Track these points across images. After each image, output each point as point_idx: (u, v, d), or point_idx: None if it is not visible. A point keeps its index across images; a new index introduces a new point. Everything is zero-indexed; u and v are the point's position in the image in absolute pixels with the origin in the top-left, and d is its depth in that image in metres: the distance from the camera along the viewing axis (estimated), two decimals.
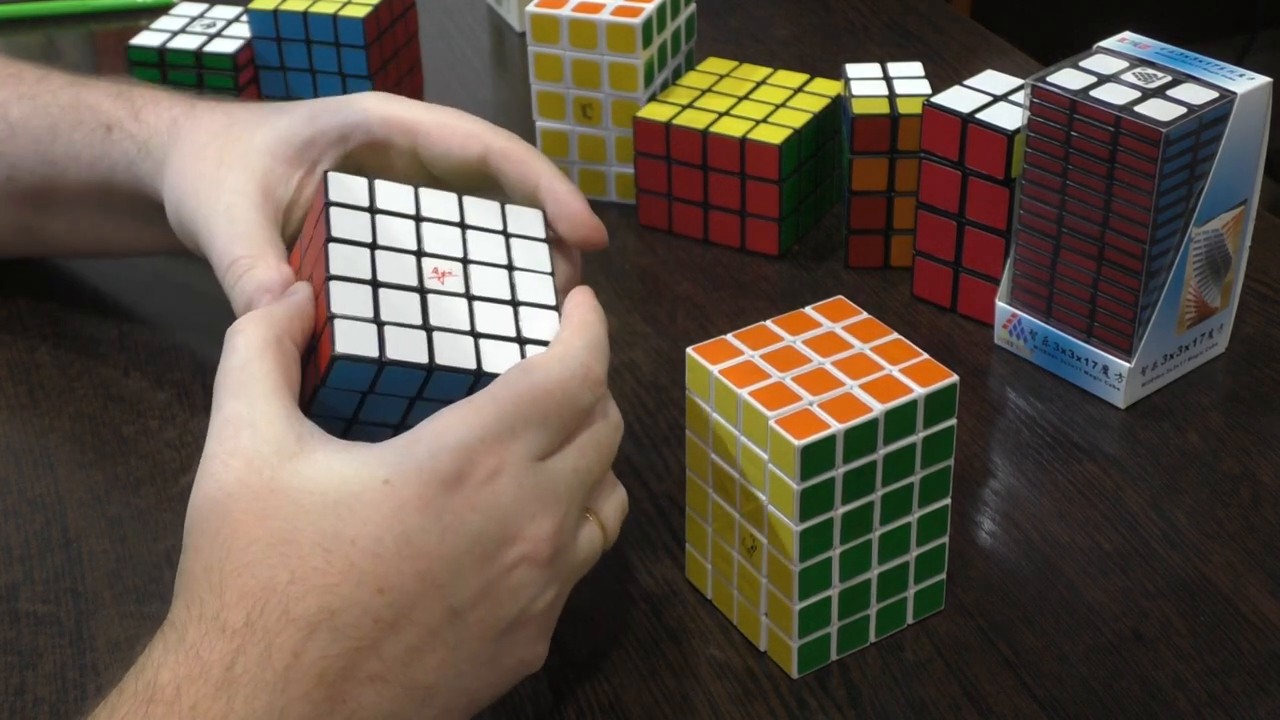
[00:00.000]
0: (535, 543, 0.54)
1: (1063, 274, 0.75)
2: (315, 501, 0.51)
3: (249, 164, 0.67)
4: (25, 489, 0.70)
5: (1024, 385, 0.76)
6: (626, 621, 0.63)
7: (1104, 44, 0.75)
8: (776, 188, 0.83)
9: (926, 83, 0.83)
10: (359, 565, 0.51)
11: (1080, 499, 0.69)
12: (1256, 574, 0.65)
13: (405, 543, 0.51)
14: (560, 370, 0.55)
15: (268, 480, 0.52)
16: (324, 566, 0.51)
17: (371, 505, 0.51)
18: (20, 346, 0.80)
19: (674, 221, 0.88)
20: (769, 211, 0.84)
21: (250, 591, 0.50)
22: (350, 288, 0.57)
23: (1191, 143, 0.70)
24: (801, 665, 0.60)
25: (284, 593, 0.50)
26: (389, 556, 0.51)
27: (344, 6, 0.94)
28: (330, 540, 0.51)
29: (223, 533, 0.51)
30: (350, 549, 0.51)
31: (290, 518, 0.51)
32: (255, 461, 0.52)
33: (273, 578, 0.50)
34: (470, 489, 0.53)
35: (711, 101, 0.87)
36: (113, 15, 1.15)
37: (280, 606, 0.50)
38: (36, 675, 0.61)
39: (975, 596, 0.64)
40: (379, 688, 0.51)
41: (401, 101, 0.68)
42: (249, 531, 0.51)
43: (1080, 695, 0.59)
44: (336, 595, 0.51)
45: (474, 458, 0.53)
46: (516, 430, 0.54)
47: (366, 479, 0.52)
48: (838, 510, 0.57)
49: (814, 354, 0.59)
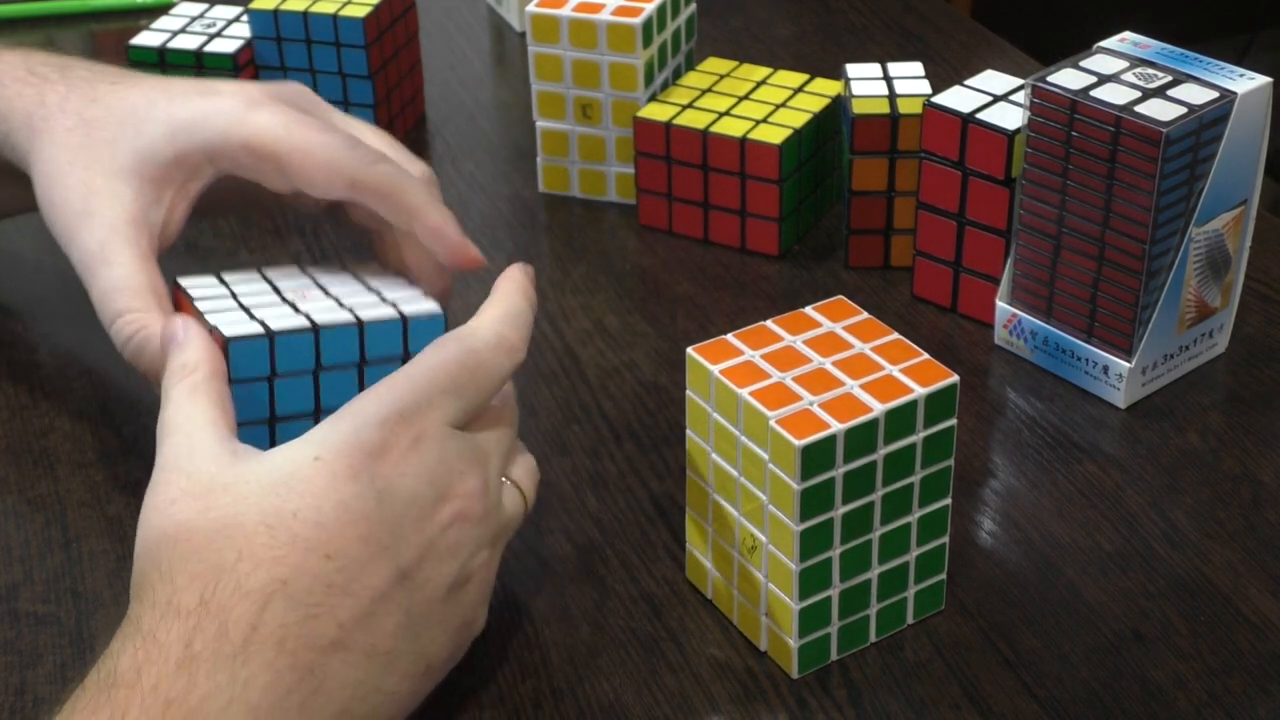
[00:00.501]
0: (466, 499, 0.56)
1: (1063, 274, 0.75)
2: (252, 488, 0.53)
3: (116, 194, 0.66)
4: (25, 489, 0.70)
5: (1024, 385, 0.76)
6: (626, 621, 0.63)
7: (1104, 44, 0.75)
8: (777, 188, 0.83)
9: (927, 83, 0.83)
10: (303, 535, 0.52)
11: (1080, 499, 0.69)
12: (1256, 574, 0.65)
13: (344, 509, 0.53)
14: (474, 341, 0.58)
15: (205, 483, 0.54)
16: (269, 541, 0.52)
17: (306, 480, 0.53)
18: (20, 346, 0.79)
19: (674, 221, 0.87)
20: (769, 211, 0.84)
21: (200, 574, 0.52)
22: (226, 312, 0.62)
23: (1192, 143, 0.70)
24: (801, 665, 0.60)
25: (234, 570, 0.52)
26: (330, 524, 0.53)
27: (344, 6, 0.94)
28: (272, 517, 0.53)
29: (169, 534, 0.53)
30: (293, 521, 0.53)
31: (230, 505, 0.53)
32: (194, 475, 0.54)
33: (221, 558, 0.52)
34: (396, 455, 0.55)
35: (711, 101, 0.87)
36: (113, 15, 1.15)
37: (232, 583, 0.51)
38: (36, 675, 0.61)
39: (975, 597, 0.64)
40: (343, 656, 0.52)
41: (264, 125, 0.66)
42: (192, 524, 0.53)
43: (1080, 695, 0.59)
44: (286, 565, 0.52)
45: (395, 428, 0.55)
46: (434, 400, 0.56)
47: (297, 458, 0.54)
48: (838, 510, 0.57)
49: (814, 354, 0.59)
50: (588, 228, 0.89)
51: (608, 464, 0.71)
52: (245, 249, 0.88)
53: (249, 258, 0.87)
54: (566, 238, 0.88)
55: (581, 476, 0.71)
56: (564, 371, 0.77)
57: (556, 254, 0.87)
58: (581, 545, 0.67)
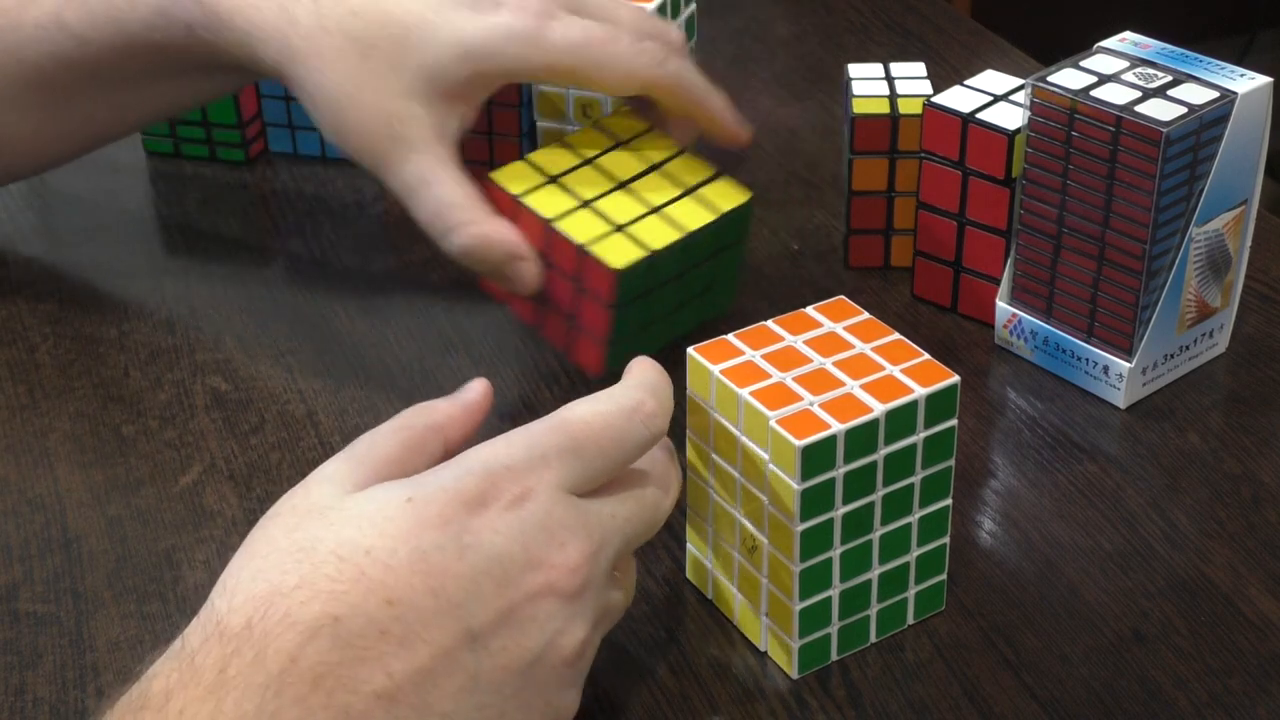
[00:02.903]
0: (560, 572, 0.52)
1: (1063, 274, 0.75)
2: (340, 516, 0.52)
3: (416, 117, 0.70)
4: (25, 489, 0.70)
5: (1024, 385, 0.76)
6: (626, 621, 0.63)
7: (1104, 44, 0.75)
8: (608, 311, 0.69)
9: (928, 83, 0.83)
10: (369, 574, 0.50)
11: (1081, 499, 0.69)
12: (1257, 574, 0.65)
13: (420, 557, 0.51)
14: (604, 404, 0.55)
15: (315, 502, 0.52)
16: (334, 574, 0.50)
17: (390, 520, 0.51)
18: (20, 346, 0.79)
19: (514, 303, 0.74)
20: (596, 330, 0.70)
21: (257, 595, 0.50)
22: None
23: (1192, 143, 0.70)
24: (802, 665, 0.60)
25: (290, 596, 0.49)
26: (401, 569, 0.50)
27: None
28: (345, 548, 0.51)
29: (252, 545, 0.52)
30: (363, 558, 0.50)
31: (315, 529, 0.51)
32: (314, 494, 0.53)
33: (282, 581, 0.50)
34: (494, 511, 0.52)
35: (582, 180, 0.72)
36: None
37: (283, 609, 0.49)
38: (36, 675, 0.61)
39: (976, 597, 0.64)
40: (388, 707, 0.49)
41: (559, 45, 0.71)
42: (274, 540, 0.51)
43: (1081, 695, 0.59)
44: (343, 601, 0.50)
45: (499, 480, 0.52)
46: (549, 458, 0.53)
47: (391, 497, 0.52)
48: (838, 510, 0.57)
49: (815, 354, 0.59)
50: None
51: None
52: (245, 249, 0.88)
53: (249, 256, 0.87)
54: None
55: None
56: (564, 371, 0.77)
57: None
58: None
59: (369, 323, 0.80)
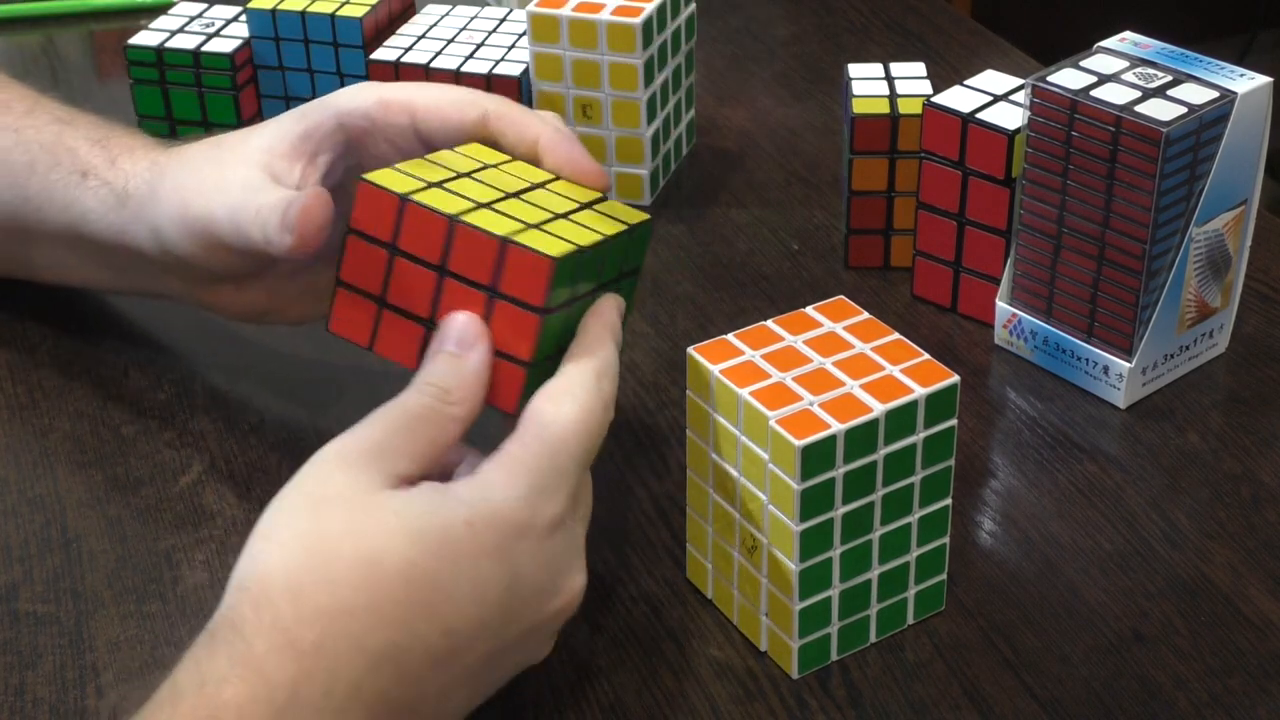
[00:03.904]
0: (571, 597, 0.56)
1: (1063, 274, 0.75)
2: (402, 526, 0.52)
3: (249, 161, 0.67)
4: (25, 489, 0.70)
5: (1024, 385, 0.76)
6: (626, 621, 0.63)
7: (1104, 44, 0.75)
8: (537, 320, 0.56)
9: (928, 83, 0.83)
10: (434, 605, 0.51)
11: (1081, 499, 0.69)
12: (1256, 574, 0.65)
13: (479, 591, 0.52)
14: (588, 403, 0.56)
15: (363, 496, 0.52)
16: (403, 598, 0.51)
17: (454, 544, 0.52)
18: (20, 346, 0.79)
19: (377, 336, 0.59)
20: (520, 349, 0.57)
21: (327, 611, 0.50)
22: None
23: (1192, 142, 0.70)
24: (802, 665, 0.60)
25: (359, 619, 0.50)
26: (462, 600, 0.52)
27: (342, 6, 0.94)
28: (413, 570, 0.51)
29: (309, 537, 0.51)
30: (430, 590, 0.51)
31: (378, 536, 0.51)
32: (358, 482, 0.53)
33: (352, 601, 0.50)
34: (534, 539, 0.54)
35: (468, 188, 0.60)
36: (112, 15, 1.15)
37: (353, 634, 0.50)
38: (36, 675, 0.61)
39: (976, 597, 0.64)
40: (408, 716, 0.52)
41: (391, 85, 0.68)
42: (336, 545, 0.51)
43: (1081, 695, 0.59)
44: (407, 631, 0.51)
45: (539, 507, 0.54)
46: (567, 476, 0.55)
47: (449, 517, 0.52)
48: (838, 510, 0.57)
49: (815, 354, 0.59)
50: None
51: (608, 464, 0.71)
52: None
53: None
54: None
55: None
56: None
57: None
58: None
59: None
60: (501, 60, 0.91)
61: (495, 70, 0.90)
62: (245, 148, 0.68)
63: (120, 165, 0.72)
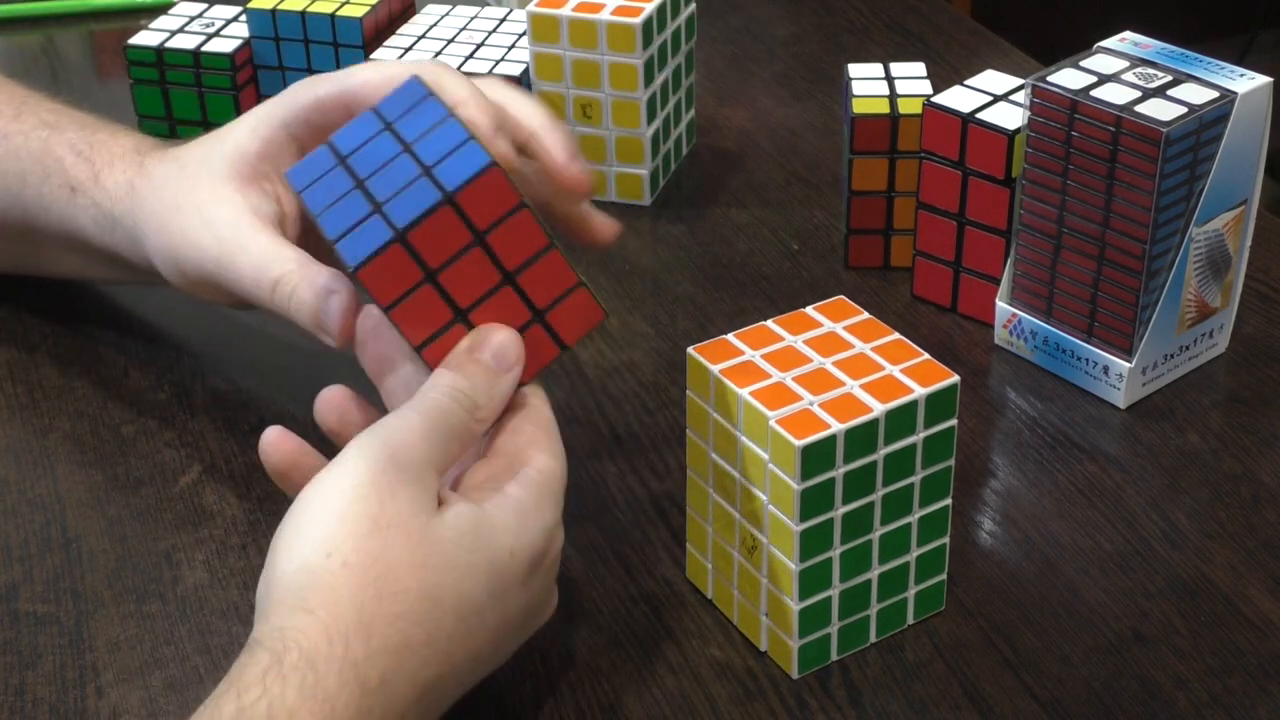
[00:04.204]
0: (551, 611, 0.59)
1: (1063, 274, 0.75)
2: (458, 558, 0.53)
3: (225, 200, 0.67)
4: (25, 489, 0.70)
5: (1024, 385, 0.76)
6: (626, 621, 0.63)
7: (1104, 44, 0.75)
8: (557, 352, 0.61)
9: (928, 83, 0.83)
10: (477, 637, 0.54)
11: (1080, 499, 0.69)
12: (1256, 574, 0.65)
13: (506, 620, 0.55)
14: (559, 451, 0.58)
15: (422, 526, 0.53)
16: (453, 632, 0.53)
17: (499, 576, 0.54)
18: (20, 346, 0.79)
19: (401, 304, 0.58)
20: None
21: (393, 648, 0.51)
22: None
23: (1192, 142, 0.70)
24: (802, 665, 0.60)
25: (418, 655, 0.52)
26: (495, 631, 0.55)
27: (342, 6, 0.94)
28: (466, 607, 0.53)
29: (378, 567, 0.52)
30: (476, 620, 0.53)
31: (439, 570, 0.53)
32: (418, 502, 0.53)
33: (413, 636, 0.52)
34: (544, 570, 0.57)
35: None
36: (112, 15, 1.15)
37: (411, 669, 0.51)
38: (36, 675, 0.61)
39: (976, 597, 0.64)
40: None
41: (327, 78, 0.68)
42: (402, 579, 0.52)
43: (1080, 695, 0.59)
44: (451, 663, 0.53)
45: (550, 542, 0.57)
46: (560, 512, 0.57)
47: (496, 549, 0.54)
48: (838, 510, 0.57)
49: (815, 354, 0.59)
50: None
51: (608, 464, 0.71)
52: None
53: None
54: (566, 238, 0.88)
55: (581, 476, 0.70)
56: (564, 372, 0.77)
57: None
58: (581, 545, 0.67)
59: None
60: (501, 60, 0.91)
61: (495, 70, 0.90)
62: (214, 181, 0.68)
63: (103, 183, 0.72)
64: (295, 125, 0.67)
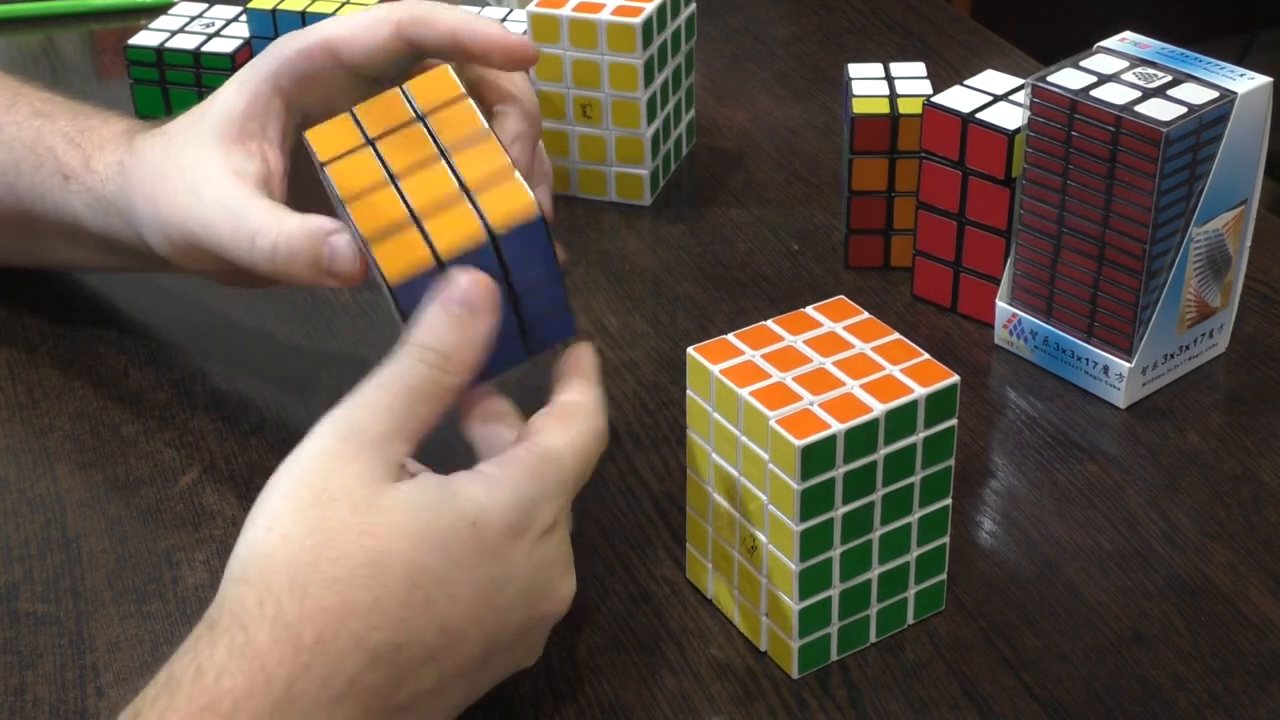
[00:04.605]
0: (561, 603, 0.57)
1: (1063, 274, 0.75)
2: (409, 525, 0.52)
3: (208, 162, 0.67)
4: (25, 489, 0.70)
5: (1024, 385, 0.76)
6: (626, 621, 0.63)
7: (1104, 44, 0.75)
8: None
9: (928, 83, 0.83)
10: (437, 605, 0.52)
11: (1081, 499, 0.69)
12: (1257, 574, 0.65)
13: (478, 592, 0.53)
14: (585, 429, 0.57)
15: (370, 495, 0.52)
16: (405, 598, 0.51)
17: (460, 545, 0.53)
18: (20, 346, 0.79)
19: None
20: None
21: (330, 609, 0.50)
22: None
23: (1192, 142, 0.70)
24: (802, 665, 0.60)
25: (364, 618, 0.51)
26: (462, 602, 0.53)
27: (342, 6, 0.94)
28: (419, 574, 0.52)
29: (317, 535, 0.52)
30: (434, 587, 0.52)
31: (385, 538, 0.52)
32: (366, 475, 0.53)
33: (356, 600, 0.51)
34: (529, 541, 0.54)
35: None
36: (112, 15, 1.15)
37: (355, 632, 0.50)
38: (36, 675, 0.61)
39: (976, 597, 0.64)
40: (404, 716, 0.52)
41: (306, 31, 0.68)
42: (343, 545, 0.51)
43: (1080, 695, 0.59)
44: (407, 630, 0.51)
45: (535, 512, 0.55)
46: (564, 490, 0.56)
47: (456, 517, 0.53)
48: (838, 510, 0.57)
49: (815, 354, 0.59)
50: (588, 228, 0.89)
51: (608, 464, 0.71)
52: None
53: None
54: (566, 238, 0.88)
55: None
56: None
57: None
58: (581, 545, 0.66)
59: (369, 322, 0.80)
60: None
61: None
62: (199, 147, 0.67)
63: (94, 167, 0.72)
64: (282, 76, 0.67)
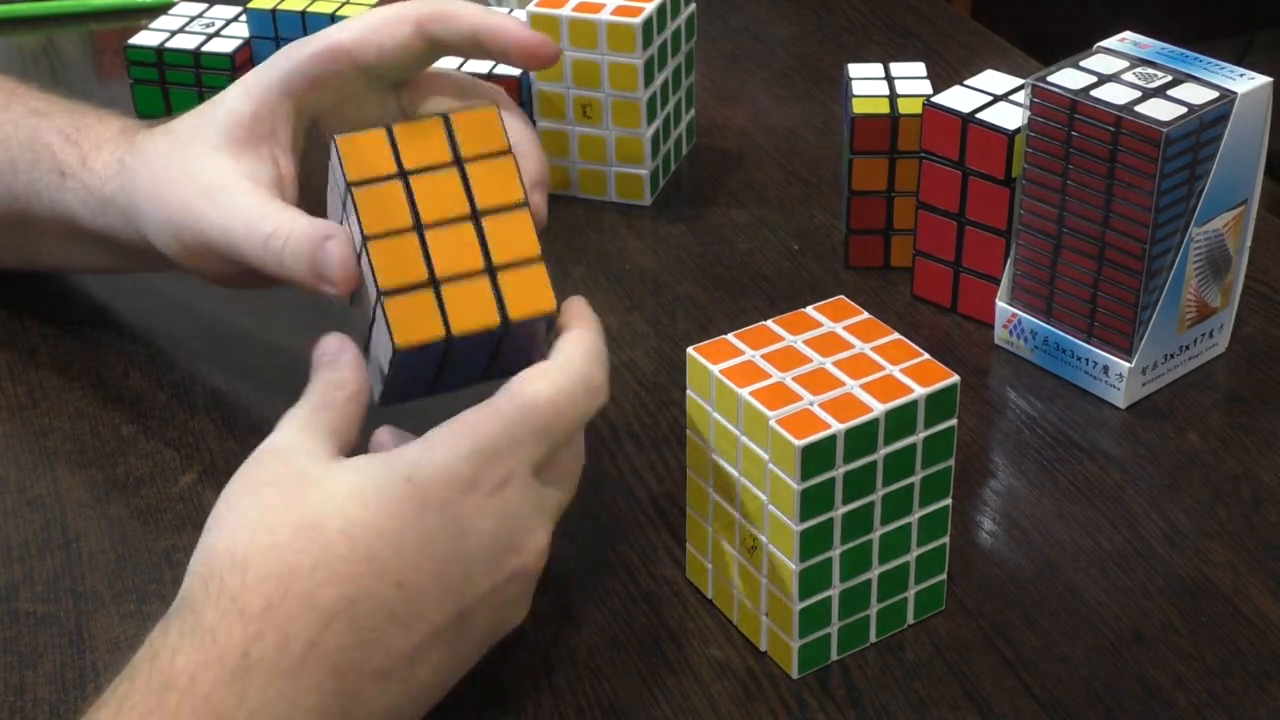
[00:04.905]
0: (533, 555, 0.57)
1: (1063, 274, 0.75)
2: (342, 490, 0.53)
3: (221, 167, 0.67)
4: (25, 489, 0.70)
5: (1024, 385, 0.76)
6: (626, 621, 0.63)
7: (1104, 44, 0.75)
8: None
9: (928, 83, 0.83)
10: (381, 556, 0.52)
11: (1081, 499, 0.69)
12: (1256, 574, 0.65)
13: (426, 541, 0.53)
14: (563, 381, 0.57)
15: (299, 470, 0.54)
16: (347, 554, 0.52)
17: (395, 500, 0.53)
18: (20, 346, 0.79)
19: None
20: None
21: (273, 574, 0.51)
22: None
23: (1192, 142, 0.70)
24: (802, 665, 0.60)
25: (307, 578, 0.51)
26: (410, 552, 0.52)
27: (342, 6, 0.94)
28: (356, 528, 0.52)
29: (251, 514, 0.53)
30: (375, 539, 0.52)
31: (318, 504, 0.53)
32: (291, 461, 0.54)
33: (297, 562, 0.51)
34: (481, 495, 0.54)
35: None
36: (112, 15, 1.15)
37: (302, 592, 0.51)
38: (36, 675, 0.61)
39: (976, 596, 0.64)
40: (383, 684, 0.52)
41: (319, 35, 0.68)
42: (277, 514, 0.52)
43: (1081, 695, 0.59)
44: (357, 585, 0.51)
45: (485, 465, 0.54)
46: (524, 442, 0.55)
47: (389, 475, 0.53)
48: (838, 510, 0.57)
49: (815, 354, 0.59)
50: (588, 228, 0.89)
51: (608, 464, 0.71)
52: None
53: None
54: (566, 238, 0.88)
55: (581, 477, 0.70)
56: None
57: (556, 254, 0.87)
58: (581, 545, 0.67)
59: None
60: None
61: (495, 70, 0.90)
62: (207, 151, 0.67)
63: (91, 165, 0.71)
64: (294, 80, 0.67)
